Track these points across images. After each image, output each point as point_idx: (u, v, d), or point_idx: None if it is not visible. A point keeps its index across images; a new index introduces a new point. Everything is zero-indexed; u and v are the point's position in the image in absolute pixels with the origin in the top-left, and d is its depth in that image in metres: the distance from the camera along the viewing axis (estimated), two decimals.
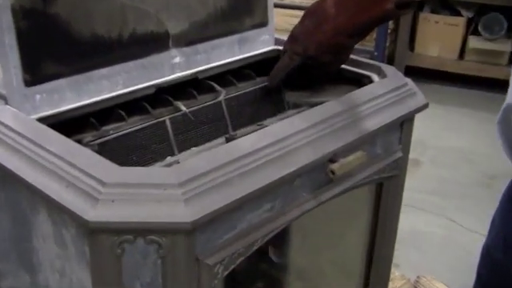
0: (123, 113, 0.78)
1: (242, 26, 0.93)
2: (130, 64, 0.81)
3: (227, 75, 0.92)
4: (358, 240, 0.95)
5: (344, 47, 0.84)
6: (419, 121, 0.91)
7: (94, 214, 0.58)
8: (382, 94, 0.84)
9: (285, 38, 0.89)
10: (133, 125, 0.78)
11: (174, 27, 0.85)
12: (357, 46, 0.86)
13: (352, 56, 0.91)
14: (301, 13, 0.86)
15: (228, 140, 0.81)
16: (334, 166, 0.73)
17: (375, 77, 0.91)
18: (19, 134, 0.68)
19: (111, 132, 0.76)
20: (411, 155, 0.92)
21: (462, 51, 2.60)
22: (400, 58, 2.61)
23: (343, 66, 0.91)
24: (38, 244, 0.69)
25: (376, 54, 2.42)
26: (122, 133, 0.76)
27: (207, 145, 0.85)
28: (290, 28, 0.87)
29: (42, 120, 0.72)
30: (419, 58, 2.63)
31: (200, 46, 0.89)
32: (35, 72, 0.72)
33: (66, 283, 0.66)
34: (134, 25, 0.80)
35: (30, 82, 0.72)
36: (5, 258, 0.76)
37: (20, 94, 0.72)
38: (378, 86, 0.86)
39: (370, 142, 0.83)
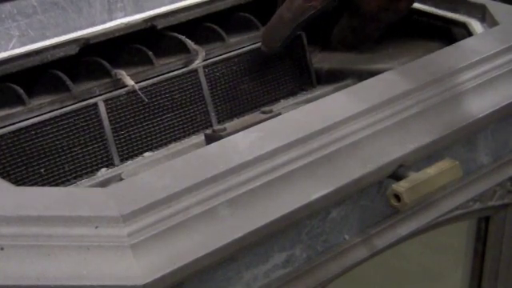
0: (20, 90, 0.79)
1: None
2: (33, 1, 0.82)
3: (208, 23, 0.93)
4: None
5: None
6: None
7: None
8: (489, 57, 0.85)
9: None
10: (38, 111, 0.79)
11: None
12: None
13: None
14: None
15: (210, 139, 0.82)
16: (401, 187, 0.73)
17: (476, 24, 0.92)
18: None
19: None
20: None
21: None
22: None
23: (415, 6, 0.92)
24: None
25: None
26: (18, 126, 0.77)
27: (172, 147, 0.86)
28: None
29: None
30: None
31: None
32: None
33: None
34: None
35: None
36: None
37: None
38: (480, 40, 0.87)
39: (465, 142, 0.84)
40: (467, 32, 0.93)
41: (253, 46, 0.93)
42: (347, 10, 0.87)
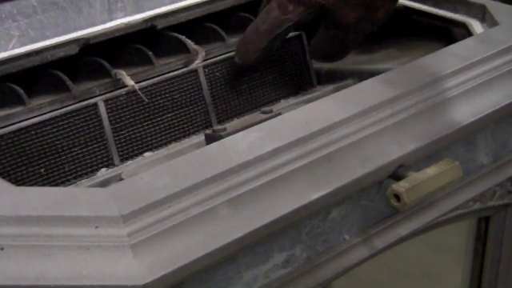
0: (20, 90, 0.79)
1: None
2: (33, 1, 0.82)
3: (208, 23, 0.93)
4: None
5: None
6: None
7: None
8: (489, 57, 0.85)
9: None
10: (38, 111, 0.79)
11: None
12: None
13: None
14: None
15: (210, 139, 0.82)
16: (401, 187, 0.73)
17: (476, 24, 0.92)
18: None
19: None
20: None
21: None
22: None
23: (415, 6, 0.92)
24: None
25: None
26: (18, 126, 0.77)
27: (172, 147, 0.86)
28: None
29: None
30: None
31: None
32: None
33: None
34: None
35: None
36: None
37: None
38: (480, 41, 0.87)
39: (465, 143, 0.84)
40: (467, 32, 0.93)
41: None
42: (324, 21, 0.85)
